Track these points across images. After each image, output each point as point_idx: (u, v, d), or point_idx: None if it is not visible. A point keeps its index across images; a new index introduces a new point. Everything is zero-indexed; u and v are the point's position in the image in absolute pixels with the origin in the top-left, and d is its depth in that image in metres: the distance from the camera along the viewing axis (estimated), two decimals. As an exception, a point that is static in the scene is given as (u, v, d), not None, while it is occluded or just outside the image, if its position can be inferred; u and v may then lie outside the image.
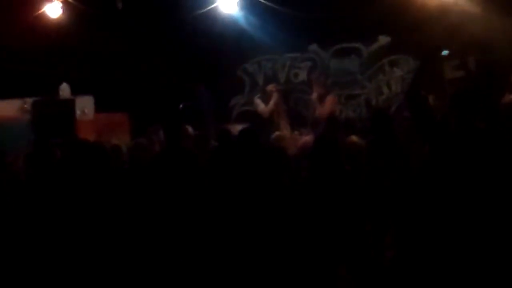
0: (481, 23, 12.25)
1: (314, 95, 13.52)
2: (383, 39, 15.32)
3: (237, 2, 13.69)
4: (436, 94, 11.34)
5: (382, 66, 15.51)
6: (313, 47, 15.91)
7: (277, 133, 9.10)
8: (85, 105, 14.31)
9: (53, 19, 14.14)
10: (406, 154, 7.19)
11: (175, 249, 6.44)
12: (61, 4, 13.98)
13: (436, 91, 11.80)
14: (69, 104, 13.70)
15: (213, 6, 13.80)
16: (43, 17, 14.06)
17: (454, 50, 13.79)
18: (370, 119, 8.41)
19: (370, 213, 6.51)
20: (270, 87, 14.47)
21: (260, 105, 14.31)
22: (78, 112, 13.88)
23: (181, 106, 14.48)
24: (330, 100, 13.31)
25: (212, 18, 14.06)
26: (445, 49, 13.81)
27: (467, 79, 12.70)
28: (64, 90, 14.15)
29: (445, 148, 5.58)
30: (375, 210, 6.67)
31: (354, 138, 8.43)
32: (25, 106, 13.91)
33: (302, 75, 16.03)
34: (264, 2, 13.43)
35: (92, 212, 6.71)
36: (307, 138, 8.46)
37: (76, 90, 14.29)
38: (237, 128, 12.18)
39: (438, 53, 13.74)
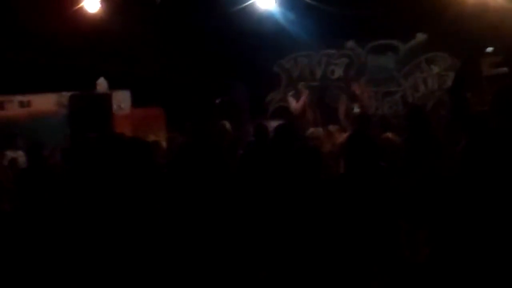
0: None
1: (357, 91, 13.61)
2: (420, 36, 15.26)
3: (275, -2, 13.71)
4: (474, 91, 11.27)
5: (419, 63, 15.44)
6: (350, 43, 15.89)
7: (312, 129, 9.08)
8: (121, 100, 14.41)
9: (91, 14, 14.22)
10: (443, 152, 7.15)
11: (213, 242, 6.44)
12: (99, -1, 14.08)
13: (473, 89, 11.73)
14: (106, 99, 13.77)
15: (250, 1, 13.81)
16: (81, 11, 14.15)
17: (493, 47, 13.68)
18: (406, 116, 8.37)
19: (405, 210, 6.47)
20: (301, 85, 14.51)
21: (292, 103, 14.35)
22: (114, 106, 13.96)
23: (217, 101, 14.52)
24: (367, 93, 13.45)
25: (250, 14, 14.07)
26: (489, 46, 13.68)
27: (508, 76, 12.57)
28: (101, 84, 14.24)
29: (485, 146, 5.52)
30: (410, 208, 6.62)
31: (389, 134, 8.40)
32: (62, 100, 14.02)
33: (339, 72, 16.02)
34: (302, -2, 13.43)
35: (127, 207, 6.75)
36: (346, 134, 8.43)
37: (113, 85, 14.38)
38: (273, 124, 12.22)
39: (482, 51, 13.61)
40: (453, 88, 13.96)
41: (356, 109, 13.67)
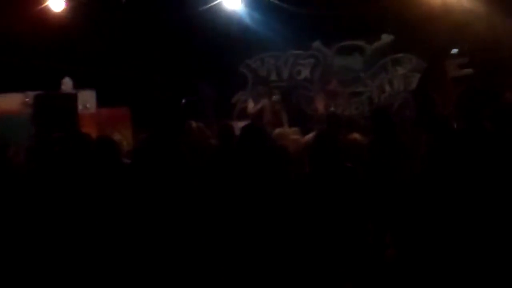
0: (485, 22, 12.24)
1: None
2: (386, 37, 15.32)
3: (241, -1, 13.70)
4: (439, 92, 11.33)
5: (385, 64, 15.50)
6: (317, 44, 15.90)
7: (278, 129, 9.07)
8: (87, 99, 14.30)
9: (56, 13, 14.11)
10: (407, 152, 7.18)
11: (177, 249, 6.41)
12: (64, -2, 13.99)
13: (438, 90, 11.80)
14: (71, 98, 13.67)
15: (217, 2, 13.80)
16: (46, 10, 14.03)
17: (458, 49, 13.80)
18: (371, 117, 8.40)
19: (370, 211, 6.50)
20: (267, 88, 14.55)
21: (249, 105, 14.37)
22: (80, 106, 13.86)
23: (183, 101, 14.48)
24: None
25: (216, 14, 14.06)
26: (454, 47, 13.80)
27: (473, 77, 12.68)
28: (66, 84, 14.15)
29: (451, 146, 5.56)
30: (376, 208, 6.65)
31: (356, 135, 8.42)
32: (27, 100, 13.88)
33: (305, 72, 16.03)
34: (268, -2, 13.44)
35: (92, 207, 6.70)
36: (311, 135, 8.43)
37: (78, 84, 14.29)
38: (239, 124, 12.19)
39: (447, 52, 13.72)
40: (419, 88, 14.07)
41: (332, 108, 13.73)
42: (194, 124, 9.88)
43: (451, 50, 13.67)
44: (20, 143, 10.33)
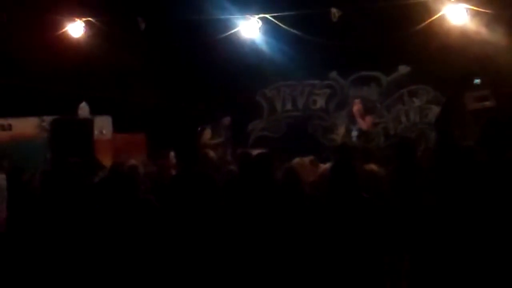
0: (504, 53, 12.21)
1: (356, 108, 13.64)
2: (403, 69, 15.34)
3: (259, 28, 13.69)
4: (458, 125, 11.31)
5: (401, 95, 15.51)
6: (333, 74, 15.95)
7: (296, 159, 9.03)
8: (103, 125, 14.34)
9: (75, 39, 14.20)
10: (428, 184, 7.12)
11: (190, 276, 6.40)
12: (83, 24, 14.05)
13: (458, 123, 11.77)
14: (88, 124, 13.71)
15: (235, 30, 13.82)
16: (65, 36, 14.13)
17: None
18: (395, 146, 8.34)
19: (387, 241, 6.44)
20: (224, 120, 14.57)
21: (206, 135, 14.34)
22: (96, 132, 13.90)
23: (199, 129, 14.50)
24: (370, 118, 13.50)
25: (233, 43, 14.09)
26: (473, 80, 13.76)
27: (492, 110, 12.62)
28: (83, 109, 14.18)
29: (476, 178, 5.52)
30: (393, 240, 6.60)
31: (372, 166, 8.38)
32: (44, 124, 13.93)
33: (321, 102, 16.05)
34: (286, 28, 13.43)
35: (106, 233, 6.70)
36: (327, 165, 8.39)
37: (95, 110, 14.33)
38: (255, 152, 12.17)
39: (465, 84, 13.68)
40: (438, 121, 14.03)
41: (355, 132, 13.69)
42: (211, 153, 9.87)
43: (469, 82, 13.62)
44: (36, 167, 10.38)
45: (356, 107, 14.11)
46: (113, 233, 6.70)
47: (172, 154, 10.40)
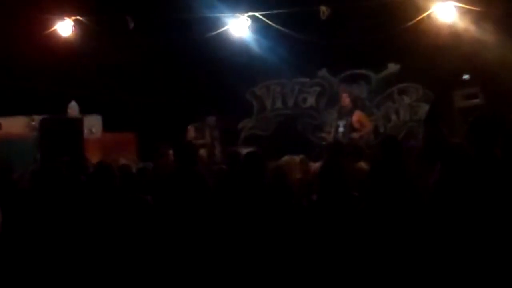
0: (494, 51, 12.23)
1: (345, 103, 13.61)
2: (393, 67, 15.35)
3: (248, 26, 13.70)
4: (446, 123, 11.31)
5: (391, 93, 15.52)
6: (322, 72, 15.94)
7: (285, 157, 9.04)
8: (93, 124, 14.33)
9: (64, 38, 14.17)
10: (415, 183, 7.13)
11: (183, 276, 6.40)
12: (72, 23, 14.02)
13: (446, 120, 11.78)
14: (77, 123, 13.69)
15: (224, 29, 13.82)
16: (54, 35, 14.10)
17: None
18: (380, 145, 8.34)
19: (376, 239, 6.45)
20: (209, 119, 14.57)
21: (190, 134, 14.33)
22: (86, 131, 13.88)
23: (188, 127, 14.48)
24: (358, 113, 13.49)
25: (223, 41, 14.08)
26: (462, 78, 13.78)
27: (481, 107, 12.64)
28: (73, 108, 14.17)
29: (463, 176, 5.53)
30: (382, 237, 6.60)
31: (362, 164, 8.38)
32: (33, 123, 13.91)
33: (311, 100, 16.05)
34: (275, 26, 13.44)
35: (97, 231, 6.69)
36: (318, 164, 8.40)
37: (85, 109, 14.31)
38: (244, 150, 12.17)
39: (454, 82, 13.70)
40: (427, 119, 14.05)
41: (341, 128, 13.66)
42: (202, 151, 9.88)
43: (459, 80, 13.64)
44: (25, 166, 10.35)
45: (345, 101, 13.99)
46: (104, 232, 6.71)
47: (171, 152, 10.37)
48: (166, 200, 6.97)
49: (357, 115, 13.55)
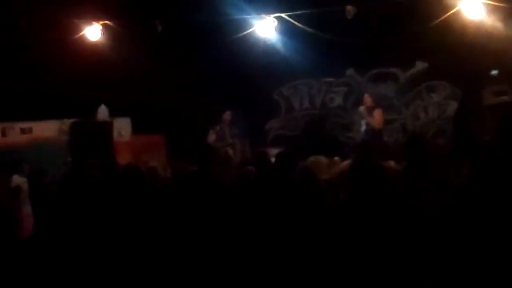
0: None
1: (362, 108, 13.63)
2: (420, 65, 15.29)
3: (275, 27, 13.71)
4: (475, 120, 11.28)
5: (419, 91, 15.47)
6: (350, 72, 15.94)
7: (312, 157, 9.05)
8: (122, 127, 14.47)
9: (93, 42, 14.27)
10: (440, 180, 7.10)
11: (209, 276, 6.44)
12: (100, 27, 14.12)
13: (475, 118, 11.74)
14: (107, 126, 13.83)
15: (250, 30, 13.84)
16: (83, 39, 14.20)
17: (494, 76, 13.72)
18: (405, 144, 8.33)
19: (405, 239, 6.44)
20: (224, 116, 14.61)
21: (210, 136, 14.38)
22: (115, 134, 14.01)
23: (217, 128, 14.55)
24: (378, 112, 13.48)
25: (250, 42, 14.10)
26: (490, 75, 13.71)
27: (511, 104, 12.56)
28: (102, 112, 14.29)
29: (492, 174, 5.50)
30: (411, 236, 6.59)
31: (391, 163, 8.37)
32: (64, 127, 14.07)
33: (338, 100, 16.04)
34: (301, 26, 13.44)
35: (125, 233, 6.76)
36: (346, 163, 8.40)
37: (114, 112, 14.43)
38: (273, 151, 12.21)
39: (483, 79, 13.64)
40: (456, 117, 13.99)
41: (363, 127, 13.67)
42: (230, 151, 9.93)
43: (487, 77, 13.56)
44: (56, 170, 10.48)
45: (367, 103, 14.04)
46: (131, 234, 6.77)
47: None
48: (183, 202, 7.00)
49: (376, 113, 13.59)
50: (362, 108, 13.74)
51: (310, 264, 6.20)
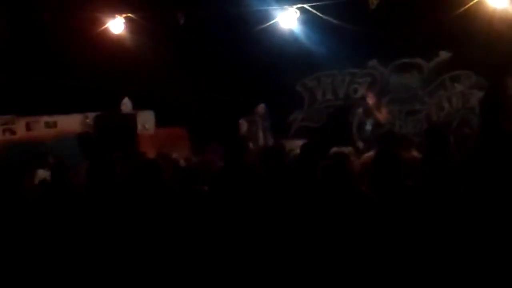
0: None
1: (370, 102, 13.65)
2: (444, 54, 15.19)
3: (297, 18, 13.68)
4: (502, 109, 11.20)
5: (443, 81, 15.37)
6: (373, 62, 15.86)
7: (335, 148, 9.04)
8: (146, 120, 14.50)
9: (116, 35, 14.31)
10: (463, 171, 7.04)
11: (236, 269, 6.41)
12: (123, 20, 14.16)
13: (501, 107, 11.65)
14: (131, 119, 13.89)
15: (273, 21, 13.82)
16: (106, 33, 14.25)
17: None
18: (425, 134, 8.28)
19: (429, 228, 6.40)
20: (258, 108, 14.61)
21: (243, 127, 14.40)
22: (139, 126, 14.06)
23: (240, 121, 14.56)
24: (384, 108, 13.52)
25: (272, 34, 14.09)
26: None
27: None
28: (126, 105, 14.35)
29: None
30: (435, 226, 6.55)
31: (414, 153, 8.35)
32: (88, 120, 14.14)
33: (361, 91, 15.96)
34: (324, 17, 13.40)
35: (150, 226, 6.75)
36: (369, 154, 8.38)
37: (138, 105, 14.48)
38: (296, 143, 12.19)
39: (510, 68, 13.52)
40: (483, 106, 13.88)
41: (369, 126, 13.69)
42: (251, 144, 9.90)
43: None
44: (80, 163, 10.51)
45: (371, 100, 14.07)
46: (160, 228, 6.76)
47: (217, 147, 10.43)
48: (215, 195, 6.96)
49: (383, 109, 13.68)
50: (360, 110, 13.84)
51: (338, 255, 6.16)
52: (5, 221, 6.89)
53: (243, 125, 14.52)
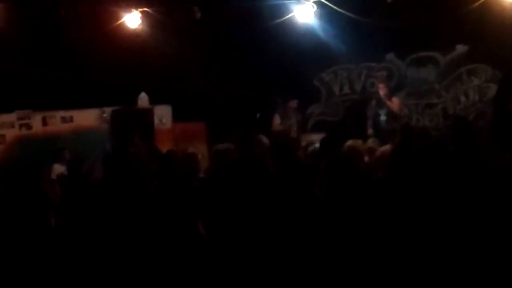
0: None
1: (382, 92, 13.68)
2: (461, 48, 15.13)
3: (314, 12, 13.66)
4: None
5: (460, 75, 15.32)
6: (390, 56, 15.81)
7: (349, 141, 9.01)
8: (163, 115, 14.52)
9: (132, 29, 14.34)
10: (488, 163, 7.03)
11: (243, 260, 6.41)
12: (140, 15, 14.18)
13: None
14: (148, 114, 13.92)
15: (290, 15, 13.82)
16: (122, 27, 14.28)
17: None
18: (451, 126, 8.24)
19: (451, 222, 6.36)
20: (292, 103, 14.61)
21: (275, 121, 14.39)
22: (156, 121, 14.09)
23: (257, 115, 14.57)
24: (396, 99, 13.56)
25: (289, 28, 14.09)
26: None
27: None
28: (143, 99, 14.37)
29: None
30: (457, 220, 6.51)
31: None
32: (104, 115, 14.17)
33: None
34: (341, 11, 13.39)
35: (165, 221, 6.76)
36: (386, 147, 8.36)
37: (155, 100, 14.50)
38: (313, 137, 12.18)
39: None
40: (496, 99, 13.84)
41: (383, 116, 13.68)
42: (264, 139, 9.85)
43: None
44: (95, 157, 10.56)
45: (382, 91, 14.04)
46: (173, 222, 6.78)
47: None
48: (227, 187, 6.96)
49: (395, 99, 13.68)
50: (382, 92, 13.83)
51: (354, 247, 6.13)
52: (29, 216, 6.86)
53: (276, 119, 14.55)
